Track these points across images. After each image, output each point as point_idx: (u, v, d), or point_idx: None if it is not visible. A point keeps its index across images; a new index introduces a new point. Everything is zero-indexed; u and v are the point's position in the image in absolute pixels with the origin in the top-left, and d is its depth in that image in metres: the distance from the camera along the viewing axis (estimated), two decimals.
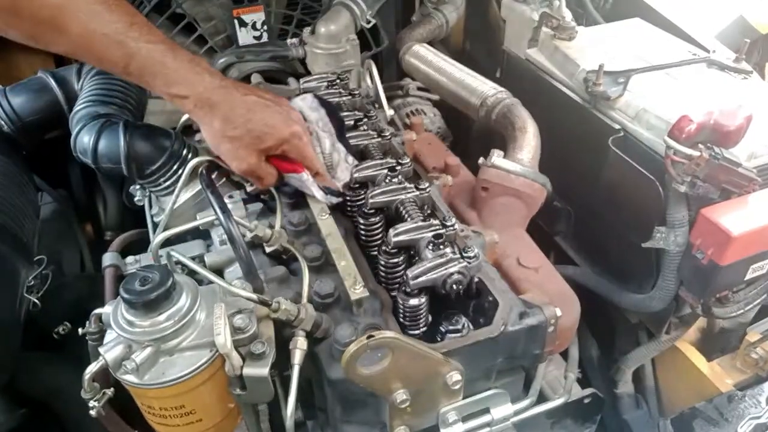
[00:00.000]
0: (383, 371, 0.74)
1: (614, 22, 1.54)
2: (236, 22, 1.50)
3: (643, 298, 1.19)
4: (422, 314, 0.85)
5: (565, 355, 1.10)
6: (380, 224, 0.96)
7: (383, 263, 0.88)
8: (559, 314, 0.85)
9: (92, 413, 0.81)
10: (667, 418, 1.43)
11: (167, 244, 0.96)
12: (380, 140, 1.09)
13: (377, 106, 1.31)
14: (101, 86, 1.21)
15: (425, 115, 1.71)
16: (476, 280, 0.87)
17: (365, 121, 1.13)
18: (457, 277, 0.82)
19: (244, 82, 1.46)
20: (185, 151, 1.12)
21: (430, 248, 0.84)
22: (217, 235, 1.05)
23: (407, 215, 0.92)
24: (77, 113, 1.14)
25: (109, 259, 1.04)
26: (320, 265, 0.92)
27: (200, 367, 0.76)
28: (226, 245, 1.01)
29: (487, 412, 0.87)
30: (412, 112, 1.72)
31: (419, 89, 1.80)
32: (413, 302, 0.83)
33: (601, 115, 1.24)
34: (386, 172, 0.98)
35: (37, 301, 1.19)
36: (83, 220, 1.62)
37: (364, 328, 0.81)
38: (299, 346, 0.78)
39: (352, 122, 1.13)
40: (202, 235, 1.09)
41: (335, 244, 0.91)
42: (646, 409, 1.43)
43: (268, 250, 0.94)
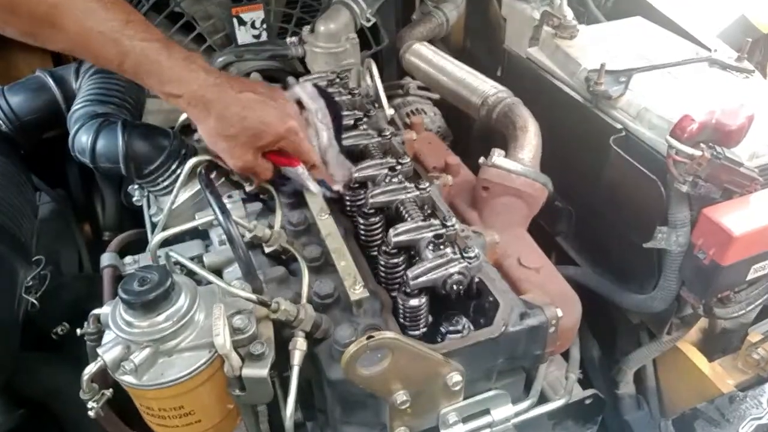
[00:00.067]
0: (383, 372, 0.74)
1: (615, 20, 1.54)
2: (235, 20, 1.50)
3: (644, 298, 1.18)
4: (422, 315, 0.85)
5: (566, 355, 1.10)
6: (380, 224, 0.96)
7: (383, 263, 0.88)
8: (560, 315, 0.85)
9: (91, 414, 0.81)
10: (668, 418, 1.44)
11: (166, 244, 0.95)
12: (380, 140, 1.09)
13: (377, 105, 1.30)
14: (99, 85, 1.21)
15: (425, 114, 1.70)
16: (477, 280, 0.87)
17: (365, 120, 1.13)
18: (457, 277, 0.82)
19: None
20: (184, 150, 1.12)
21: (430, 248, 0.84)
22: (216, 235, 1.05)
23: (407, 215, 0.92)
24: (75, 112, 1.14)
25: (107, 259, 1.04)
26: (320, 265, 0.92)
27: (199, 367, 0.76)
28: (225, 245, 1.01)
29: (487, 413, 0.87)
30: (412, 111, 1.72)
31: (419, 88, 1.80)
32: (413, 303, 0.82)
33: (602, 114, 1.24)
34: (386, 171, 0.98)
35: (35, 301, 1.18)
36: (81, 220, 1.62)
37: (363, 328, 0.81)
38: (299, 346, 0.78)
39: (352, 121, 1.12)
40: (200, 235, 1.09)
41: (335, 244, 0.91)
42: (647, 409, 1.43)
43: (267, 250, 0.94)
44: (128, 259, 1.06)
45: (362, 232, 0.96)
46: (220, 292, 0.81)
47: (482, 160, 1.14)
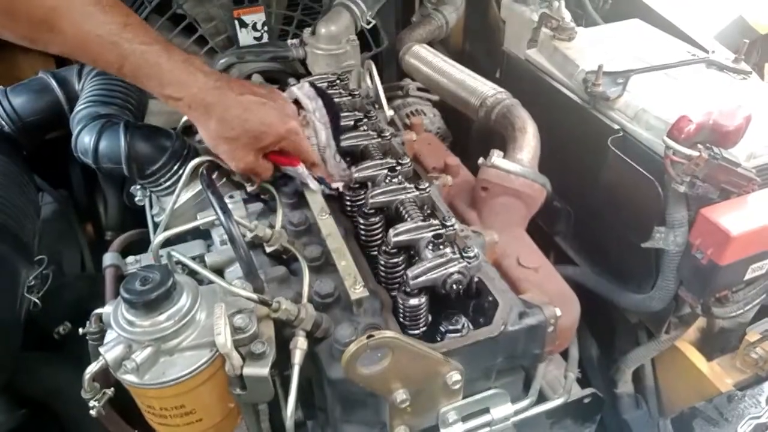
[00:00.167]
0: (383, 371, 0.74)
1: (613, 22, 1.54)
2: (237, 22, 1.50)
3: (642, 298, 1.19)
4: (422, 314, 0.85)
5: (564, 354, 1.10)
6: (380, 224, 0.96)
7: (383, 263, 0.89)
8: (558, 314, 0.85)
9: (92, 413, 0.81)
10: (666, 417, 1.43)
11: (168, 244, 0.96)
12: (380, 140, 1.09)
13: (377, 106, 1.31)
14: (102, 87, 1.21)
15: (425, 115, 1.71)
16: (476, 279, 0.87)
17: (365, 121, 1.13)
18: (456, 277, 0.82)
19: None
20: (186, 151, 1.13)
21: (429, 248, 0.85)
22: (217, 235, 1.05)
23: (407, 215, 0.92)
24: (78, 114, 1.15)
25: (109, 259, 1.04)
26: (320, 265, 0.92)
27: (200, 366, 0.76)
28: (226, 245, 1.02)
29: (486, 411, 0.87)
30: (412, 112, 1.72)
31: (419, 90, 1.81)
32: (413, 302, 0.83)
33: (600, 115, 1.25)
34: (386, 172, 0.98)
35: (37, 301, 1.19)
36: (84, 220, 1.62)
37: (364, 327, 0.81)
38: (299, 345, 0.78)
39: (352, 122, 1.13)
40: (202, 235, 1.09)
41: (335, 244, 0.91)
42: (645, 408, 1.43)
43: (268, 250, 0.94)
44: (130, 258, 1.06)
45: (362, 232, 0.97)
46: (221, 291, 0.82)
47: (481, 160, 1.15)
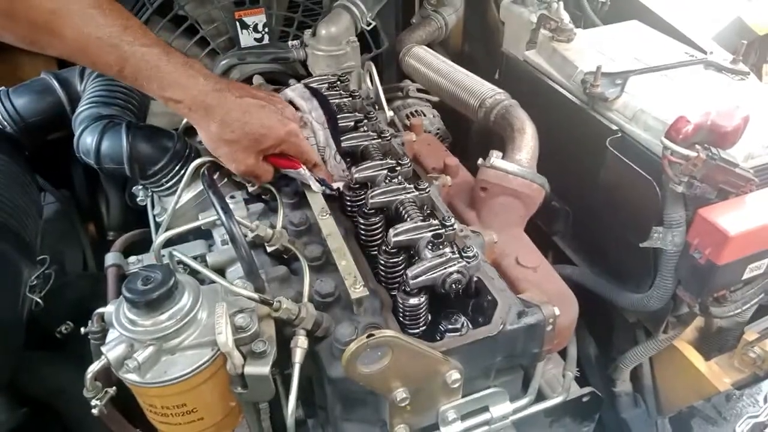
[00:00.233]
0: (383, 370, 0.74)
1: (612, 24, 1.55)
2: (238, 24, 1.51)
3: (640, 297, 1.19)
4: (422, 313, 0.85)
5: (563, 353, 1.11)
6: (380, 224, 0.97)
7: (383, 263, 0.89)
8: (557, 313, 0.86)
9: (94, 412, 0.81)
10: (665, 416, 1.44)
11: (169, 243, 0.96)
12: (380, 141, 1.10)
13: (377, 107, 1.32)
14: (104, 88, 1.22)
15: (425, 116, 1.71)
16: (475, 279, 0.88)
17: (365, 122, 1.14)
18: (456, 276, 0.82)
19: (245, 83, 1.47)
20: (187, 151, 1.13)
21: (429, 248, 0.85)
22: (218, 234, 1.06)
23: (407, 215, 0.93)
24: (80, 114, 1.15)
25: (111, 258, 1.05)
26: (321, 264, 0.93)
27: (202, 365, 0.76)
28: (227, 245, 1.02)
29: (486, 410, 0.88)
30: (411, 113, 1.73)
31: (419, 91, 1.81)
32: (413, 301, 0.83)
33: (598, 116, 1.25)
34: (386, 172, 0.99)
35: (39, 300, 1.19)
36: (86, 220, 1.62)
37: (364, 327, 0.82)
38: (300, 344, 0.78)
39: (352, 123, 1.14)
40: (204, 235, 1.10)
41: (336, 243, 0.92)
42: (644, 407, 1.43)
43: (269, 249, 0.95)
44: (132, 258, 1.06)
45: (362, 231, 0.97)
46: (222, 291, 0.82)
47: (480, 161, 1.15)
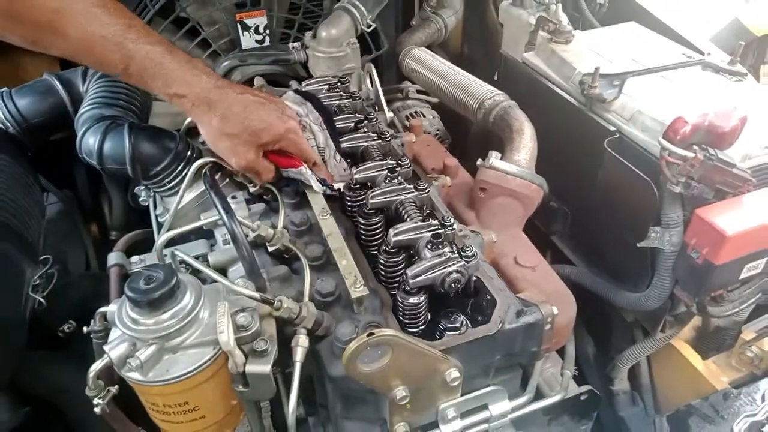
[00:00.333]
0: (383, 368, 0.75)
1: (610, 25, 1.55)
2: (239, 26, 1.52)
3: (638, 296, 1.19)
4: (421, 312, 0.86)
5: (561, 352, 1.11)
6: (380, 224, 0.97)
7: (383, 262, 0.90)
8: (555, 312, 0.86)
9: (96, 411, 0.82)
10: (662, 415, 1.44)
11: (171, 243, 0.97)
12: (380, 142, 1.10)
13: (377, 108, 1.32)
14: (106, 88, 1.22)
15: (424, 117, 1.72)
16: (474, 278, 0.89)
17: (365, 123, 1.14)
18: (455, 276, 0.83)
19: (246, 85, 1.48)
20: (189, 152, 1.14)
21: (429, 248, 0.86)
22: (220, 234, 1.07)
23: (407, 215, 0.93)
24: (82, 115, 1.16)
25: (114, 258, 1.06)
26: (321, 264, 0.94)
27: (203, 364, 0.77)
28: (229, 245, 1.03)
29: (485, 408, 0.89)
30: (411, 114, 1.73)
31: (418, 92, 1.82)
32: (413, 301, 0.84)
33: (596, 117, 1.25)
34: (386, 173, 1.00)
35: (42, 299, 1.19)
36: (88, 220, 1.62)
37: (364, 326, 0.83)
38: (301, 343, 0.79)
39: (352, 124, 1.14)
40: (205, 234, 1.10)
41: (336, 243, 0.93)
42: (642, 406, 1.43)
43: (270, 249, 0.95)
44: (135, 258, 1.07)
45: (363, 231, 0.98)
46: (224, 290, 0.83)
47: (479, 161, 1.16)
